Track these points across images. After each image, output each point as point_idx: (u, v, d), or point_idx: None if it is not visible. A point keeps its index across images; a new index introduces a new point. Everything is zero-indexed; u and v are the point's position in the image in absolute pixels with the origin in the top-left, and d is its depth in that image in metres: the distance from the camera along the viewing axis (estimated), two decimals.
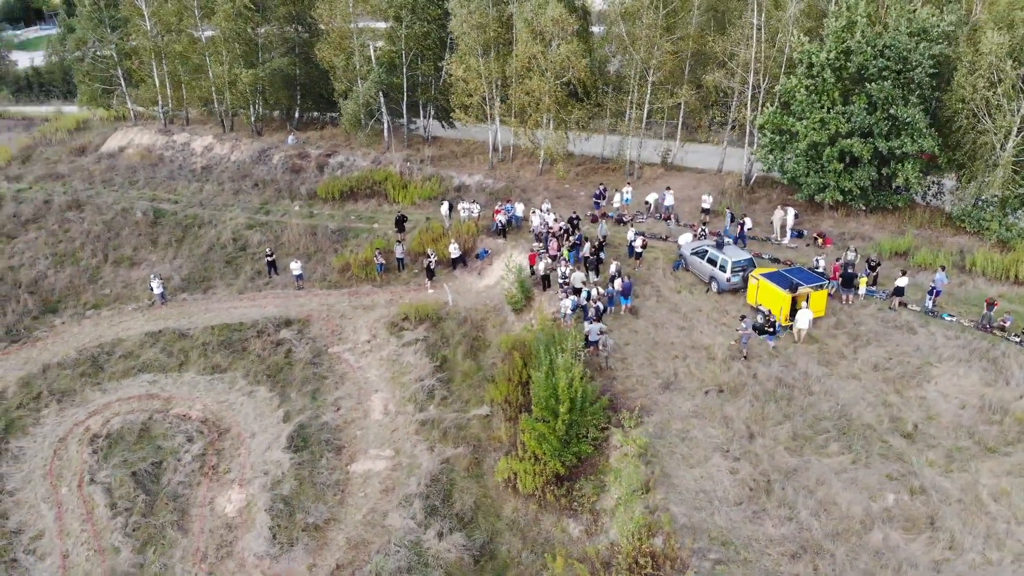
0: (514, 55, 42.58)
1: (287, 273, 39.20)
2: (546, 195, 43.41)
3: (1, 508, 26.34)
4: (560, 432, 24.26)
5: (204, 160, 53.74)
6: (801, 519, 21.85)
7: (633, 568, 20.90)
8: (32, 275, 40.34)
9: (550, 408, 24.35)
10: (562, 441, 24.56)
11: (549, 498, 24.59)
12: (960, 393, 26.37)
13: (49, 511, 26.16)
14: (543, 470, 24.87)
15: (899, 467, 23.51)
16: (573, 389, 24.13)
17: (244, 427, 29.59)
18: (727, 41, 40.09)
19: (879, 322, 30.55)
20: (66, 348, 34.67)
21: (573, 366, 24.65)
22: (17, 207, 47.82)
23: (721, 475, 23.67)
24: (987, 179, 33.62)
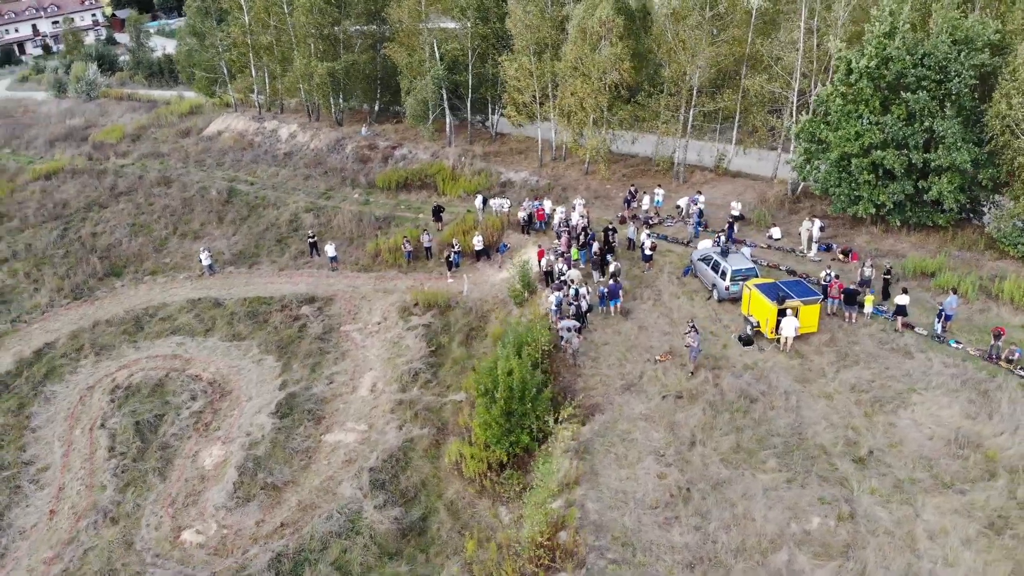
0: (561, 55, 43.04)
1: (326, 254, 41.56)
2: (585, 195, 43.74)
3: (22, 442, 29.84)
4: (496, 418, 24.88)
5: (287, 146, 57.47)
6: (709, 530, 21.53)
7: (532, 559, 21.36)
8: (108, 241, 44.86)
9: (489, 395, 25.03)
10: (504, 429, 25.17)
11: (486, 484, 25.32)
12: (934, 423, 24.88)
13: (59, 448, 29.39)
14: (486, 456, 25.62)
15: (837, 491, 22.58)
16: (511, 378, 24.68)
17: (244, 391, 31.93)
18: (772, 45, 38.94)
19: (876, 343, 29.14)
20: (118, 308, 38.45)
21: (514, 357, 25.20)
22: (115, 181, 53.07)
23: (648, 478, 23.59)
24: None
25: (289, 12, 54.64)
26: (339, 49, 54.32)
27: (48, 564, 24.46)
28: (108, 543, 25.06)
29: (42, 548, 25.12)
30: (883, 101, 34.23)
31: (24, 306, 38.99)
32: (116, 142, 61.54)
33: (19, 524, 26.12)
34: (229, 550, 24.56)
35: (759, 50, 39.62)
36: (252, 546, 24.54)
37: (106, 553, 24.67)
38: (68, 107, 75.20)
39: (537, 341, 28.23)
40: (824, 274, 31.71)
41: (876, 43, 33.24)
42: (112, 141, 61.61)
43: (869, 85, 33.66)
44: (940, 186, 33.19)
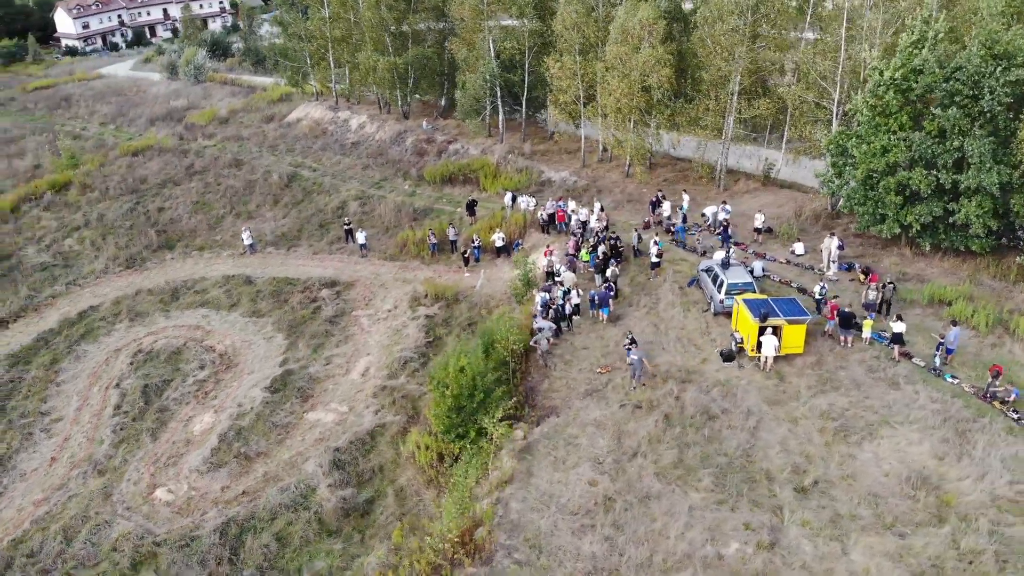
0: (600, 56, 42.82)
1: (357, 242, 43.13)
2: (619, 197, 43.46)
3: (45, 394, 32.76)
4: (447, 412, 25.41)
5: (355, 136, 59.70)
6: (619, 543, 21.31)
7: (441, 551, 21.82)
8: (171, 216, 48.18)
9: (442, 388, 25.57)
10: (452, 423, 25.67)
11: (433, 475, 25.93)
12: (897, 459, 23.55)
13: (75, 403, 32.11)
14: (438, 447, 26.23)
15: (766, 519, 21.81)
16: (463, 375, 25.13)
17: (248, 365, 33.79)
18: (810, 51, 37.37)
19: (865, 370, 27.72)
20: (162, 279, 41.35)
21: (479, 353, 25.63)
22: (193, 160, 56.74)
23: (579, 484, 23.50)
24: None
25: (363, 7, 56.60)
26: (406, 44, 55.82)
27: (36, 505, 26.90)
28: (90, 492, 27.30)
29: (35, 491, 27.65)
30: (914, 116, 32.33)
31: (82, 271, 42.58)
32: (206, 124, 65.66)
33: (22, 467, 28.83)
34: (190, 510, 26.26)
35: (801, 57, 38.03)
36: (211, 509, 26.15)
37: (85, 501, 26.90)
38: (175, 89, 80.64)
39: (506, 339, 28.49)
40: (819, 287, 30.47)
41: (906, 53, 31.44)
42: (202, 123, 65.79)
43: (897, 98, 31.85)
44: (968, 209, 31.07)
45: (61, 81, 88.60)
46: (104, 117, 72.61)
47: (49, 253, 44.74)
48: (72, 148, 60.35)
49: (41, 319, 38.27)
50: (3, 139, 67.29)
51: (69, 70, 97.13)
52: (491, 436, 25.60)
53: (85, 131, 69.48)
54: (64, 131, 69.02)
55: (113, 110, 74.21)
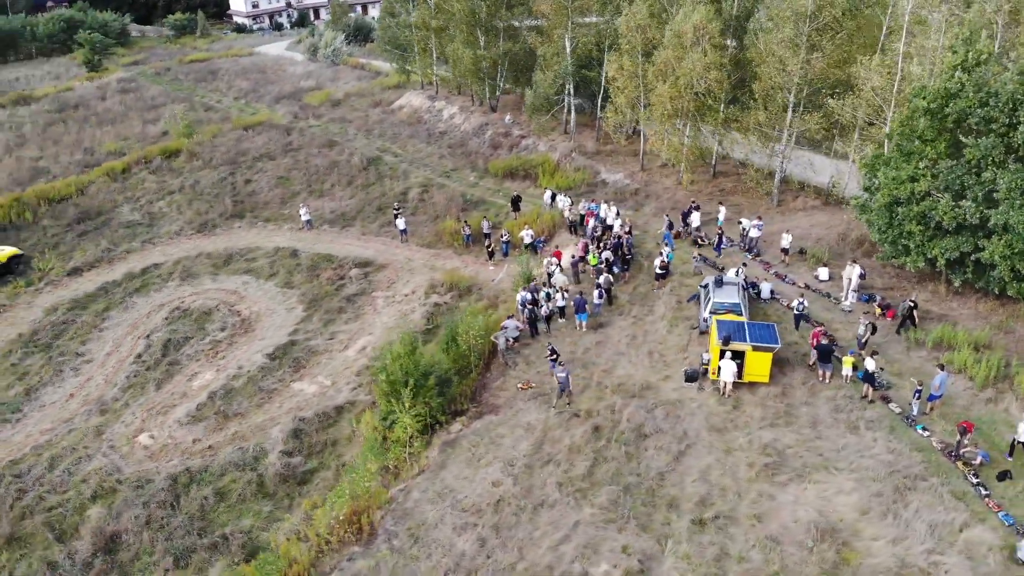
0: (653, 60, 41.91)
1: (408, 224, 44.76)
2: (666, 204, 42.53)
3: (87, 337, 36.63)
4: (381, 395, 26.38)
5: (445, 126, 61.52)
6: (490, 547, 21.50)
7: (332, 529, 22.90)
8: (252, 188, 51.87)
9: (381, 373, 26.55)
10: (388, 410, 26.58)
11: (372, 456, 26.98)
12: (817, 507, 22.16)
13: (107, 348, 35.73)
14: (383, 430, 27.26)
15: (648, 546, 21.28)
16: (397, 363, 25.94)
17: (262, 331, 36.19)
18: (864, 66, 34.86)
19: (831, 409, 26.08)
20: (223, 245, 44.81)
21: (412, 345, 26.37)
22: (295, 138, 60.57)
23: (482, 483, 23.84)
24: None
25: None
26: (498, 38, 56.74)
27: (41, 434, 30.41)
28: (88, 428, 30.49)
29: (47, 421, 31.22)
30: (951, 144, 29.60)
31: (160, 231, 46.87)
32: (318, 105, 69.72)
33: (44, 399, 32.53)
34: (160, 456, 28.78)
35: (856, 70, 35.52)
36: (177, 458, 28.56)
37: (81, 435, 30.07)
38: (310, 70, 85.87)
39: (467, 335, 29.01)
40: (796, 302, 29.03)
41: (946, 77, 28.83)
42: (315, 104, 69.89)
43: (932, 124, 29.28)
44: (996, 249, 28.16)
45: (215, 56, 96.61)
46: (239, 92, 78.64)
47: (140, 213, 49.52)
48: (191, 118, 65.98)
49: (111, 271, 42.60)
50: (147, 105, 74.58)
51: (228, 46, 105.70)
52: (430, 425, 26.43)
53: (220, 103, 75.61)
54: (201, 102, 75.48)
55: (249, 86, 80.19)
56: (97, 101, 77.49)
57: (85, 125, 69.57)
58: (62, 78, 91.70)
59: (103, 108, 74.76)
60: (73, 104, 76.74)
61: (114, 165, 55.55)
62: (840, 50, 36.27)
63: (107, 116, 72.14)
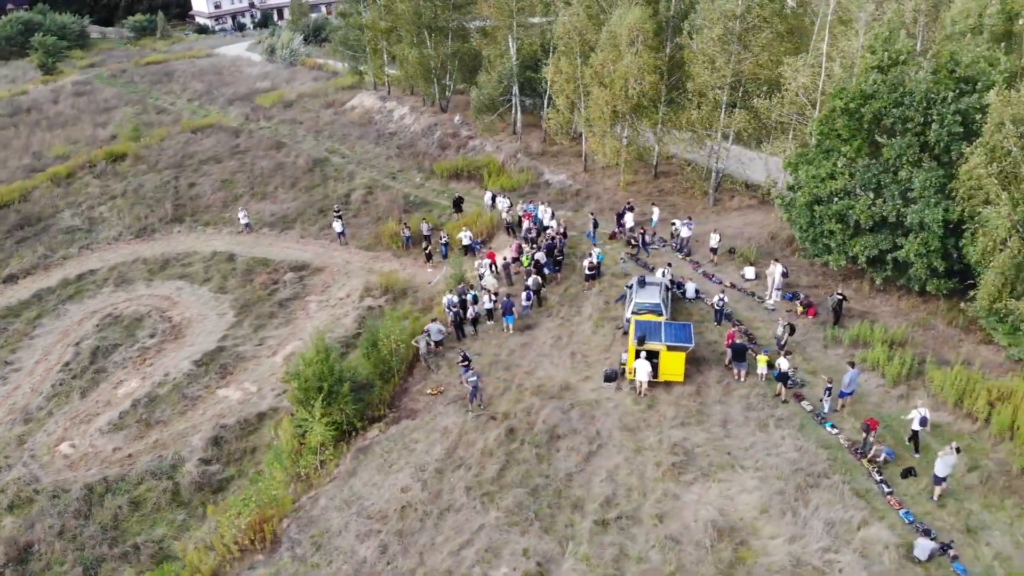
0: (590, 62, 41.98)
1: (348, 228, 44.53)
2: (603, 205, 42.61)
3: (18, 345, 36.17)
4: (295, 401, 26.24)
5: (395, 126, 61.30)
6: (391, 553, 21.45)
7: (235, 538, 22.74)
8: (194, 192, 51.42)
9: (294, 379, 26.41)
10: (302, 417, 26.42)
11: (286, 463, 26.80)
12: (718, 506, 22.27)
13: (37, 356, 35.30)
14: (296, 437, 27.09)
15: (549, 548, 21.29)
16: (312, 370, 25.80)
17: (192, 338, 35.89)
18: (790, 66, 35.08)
19: (743, 408, 26.25)
20: (160, 250, 44.40)
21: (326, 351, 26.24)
22: (243, 140, 60.11)
23: (392, 489, 23.76)
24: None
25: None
26: (446, 39, 56.57)
27: None
28: (10, 437, 30.11)
29: None
30: (871, 142, 29.86)
31: (99, 237, 46.36)
32: (270, 106, 69.21)
33: None
34: (80, 466, 28.47)
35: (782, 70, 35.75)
36: (96, 467, 28.25)
37: (3, 445, 29.71)
38: (267, 71, 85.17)
39: (389, 339, 28.93)
40: (716, 298, 29.29)
41: (862, 78, 29.11)
42: (267, 105, 69.38)
43: (849, 124, 29.54)
44: (911, 247, 28.46)
45: (173, 57, 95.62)
46: (193, 94, 77.90)
47: (81, 218, 48.95)
48: (140, 121, 65.36)
49: (47, 277, 42.11)
50: (100, 108, 73.70)
51: (188, 47, 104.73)
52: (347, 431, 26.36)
53: (173, 106, 74.87)
54: (154, 105, 74.73)
55: (204, 88, 79.42)
56: (50, 105, 76.52)
57: (36, 129, 68.73)
58: (18, 81, 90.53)
59: (55, 112, 73.85)
60: (26, 108, 75.72)
61: (58, 170, 54.94)
62: (768, 50, 36.47)
63: (59, 120, 71.29)
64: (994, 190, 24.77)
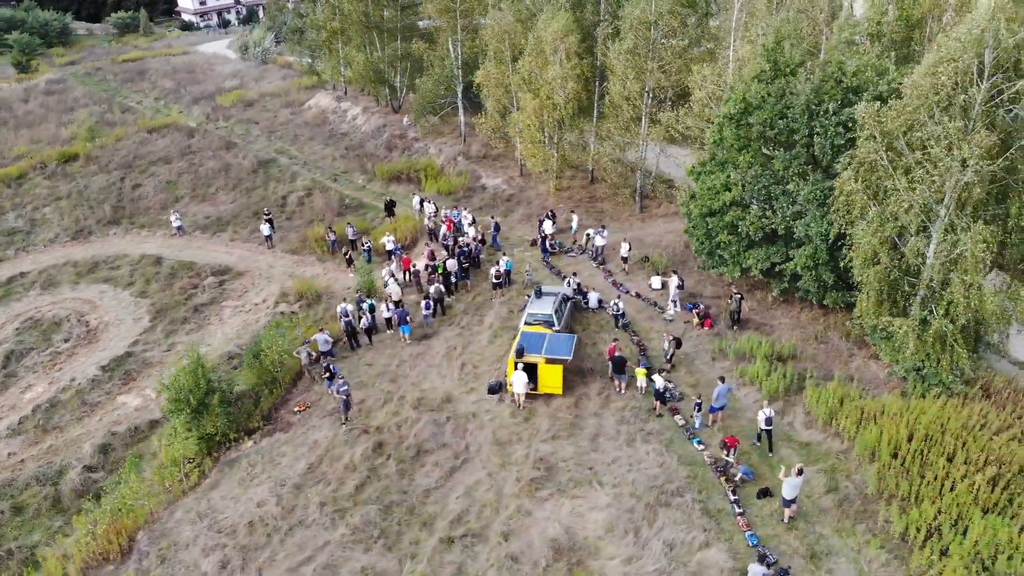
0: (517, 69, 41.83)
1: (279, 231, 44.56)
2: (534, 210, 42.56)
3: None
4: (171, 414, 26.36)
5: (348, 127, 61.31)
6: (231, 568, 21.49)
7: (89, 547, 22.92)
8: (136, 193, 51.57)
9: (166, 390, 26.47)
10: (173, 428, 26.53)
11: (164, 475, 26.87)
12: (566, 523, 22.21)
13: None
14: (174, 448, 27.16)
15: (389, 566, 21.29)
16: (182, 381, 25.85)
17: (105, 343, 36.03)
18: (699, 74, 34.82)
19: (617, 421, 26.19)
20: (92, 252, 44.56)
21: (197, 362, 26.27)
22: (196, 140, 60.22)
23: (248, 504, 23.80)
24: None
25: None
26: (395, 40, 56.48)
27: None
28: None
29: None
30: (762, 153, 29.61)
31: (36, 239, 46.58)
32: (230, 106, 69.33)
33: None
34: None
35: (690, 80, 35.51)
36: None
37: None
38: (238, 69, 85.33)
39: (270, 349, 28.98)
40: (612, 304, 29.76)
41: (743, 88, 28.88)
42: (227, 105, 69.51)
43: (739, 134, 29.33)
44: (799, 260, 28.27)
45: (149, 55, 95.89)
46: (162, 92, 78.15)
47: (24, 219, 49.18)
48: (100, 120, 65.63)
49: None
50: (67, 107, 74.01)
51: (168, 44, 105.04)
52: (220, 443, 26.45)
53: (140, 104, 75.14)
54: (120, 104, 74.96)
55: (172, 86, 79.65)
56: (20, 103, 76.88)
57: (2, 129, 69.07)
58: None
59: (24, 111, 74.20)
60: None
61: (9, 171, 55.18)
62: (680, 59, 36.20)
63: (26, 119, 71.57)
64: (862, 204, 24.52)
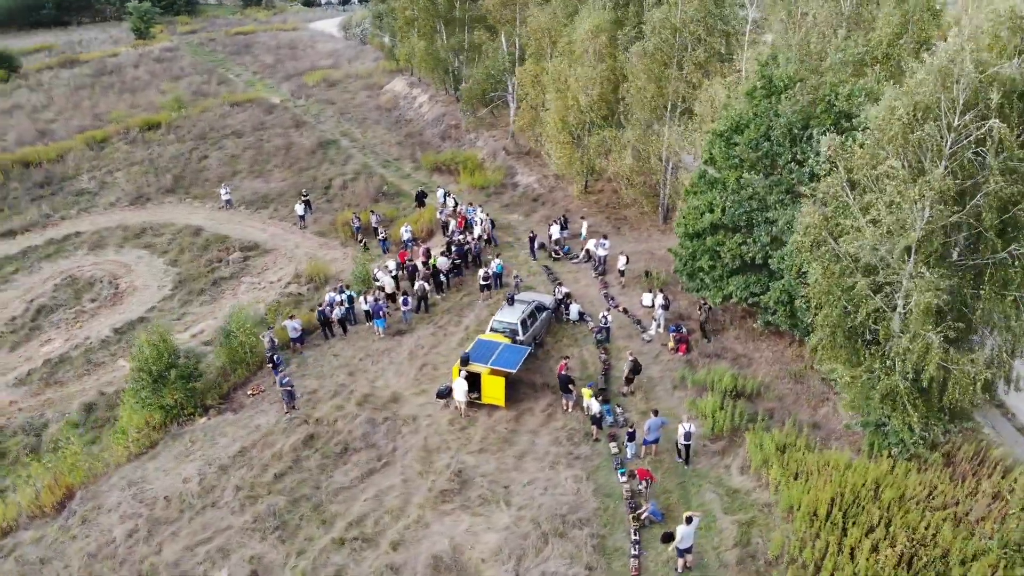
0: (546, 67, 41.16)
1: (316, 213, 46.00)
2: (556, 212, 42.00)
3: None
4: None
5: (413, 113, 62.28)
6: (137, 538, 22.55)
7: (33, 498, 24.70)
8: (200, 165, 54.30)
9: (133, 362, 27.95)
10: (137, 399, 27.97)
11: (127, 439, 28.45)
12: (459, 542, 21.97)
13: None
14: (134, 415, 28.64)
15: (276, 557, 21.77)
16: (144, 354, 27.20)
17: (128, 306, 38.33)
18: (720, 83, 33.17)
19: (551, 441, 25.82)
20: (144, 218, 47.35)
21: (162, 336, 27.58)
22: (272, 117, 62.71)
23: (175, 478, 24.86)
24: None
25: None
26: (461, 30, 56.74)
27: None
28: None
29: None
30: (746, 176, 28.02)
31: (100, 201, 49.93)
32: (313, 85, 71.73)
33: None
34: None
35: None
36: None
37: None
38: (336, 48, 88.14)
39: (241, 331, 30.03)
40: (600, 317, 28.88)
41: (736, 104, 27.35)
42: (311, 84, 71.91)
43: (726, 152, 27.84)
44: (774, 292, 26.68)
45: (260, 29, 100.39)
46: (260, 67, 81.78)
47: (96, 182, 52.79)
48: (180, 91, 69.32)
49: (41, 235, 45.87)
50: (172, 76, 78.62)
51: (282, 19, 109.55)
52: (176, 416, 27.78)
53: (238, 77, 78.92)
54: (221, 76, 78.93)
55: (272, 62, 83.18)
56: (131, 69, 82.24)
57: (109, 92, 74.08)
58: (120, 43, 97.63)
59: (132, 76, 79.34)
60: (109, 70, 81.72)
61: (95, 134, 59.28)
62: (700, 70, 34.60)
63: (132, 84, 76.55)
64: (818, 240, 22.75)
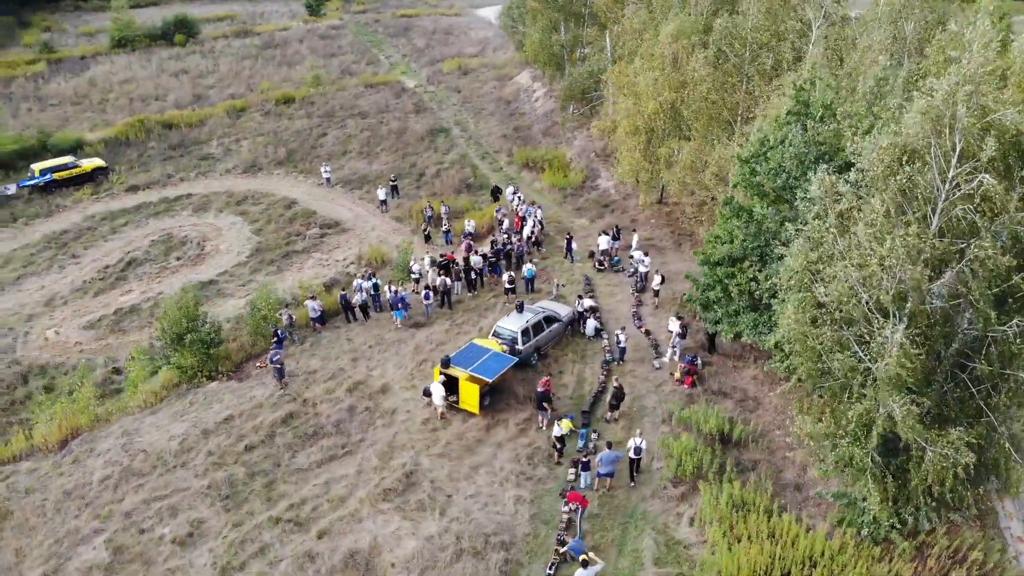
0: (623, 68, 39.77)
1: (403, 198, 47.38)
2: (618, 220, 40.85)
3: (92, 244, 44.05)
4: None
5: (527, 107, 62.27)
6: (111, 483, 24.58)
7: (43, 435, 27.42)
8: (318, 141, 57.09)
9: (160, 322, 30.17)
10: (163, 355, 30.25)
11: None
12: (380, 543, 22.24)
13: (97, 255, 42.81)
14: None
15: (215, 524, 22.96)
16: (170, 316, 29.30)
17: (206, 268, 41.18)
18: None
19: (511, 457, 25.48)
20: (250, 186, 50.55)
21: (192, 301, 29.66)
22: (400, 101, 64.83)
23: (164, 434, 26.74)
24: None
25: None
26: (580, 24, 56.03)
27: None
28: (24, 314, 37.63)
29: (9, 302, 38.87)
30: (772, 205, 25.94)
31: (218, 167, 53.85)
32: (447, 72, 73.29)
33: (25, 286, 40.10)
34: (46, 350, 35.09)
35: None
36: (53, 354, 34.62)
37: (19, 319, 37.23)
38: (486, 36, 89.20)
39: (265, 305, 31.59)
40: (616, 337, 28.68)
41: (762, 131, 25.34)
42: (446, 71, 73.54)
43: (749, 179, 25.88)
44: (774, 335, 24.61)
45: (424, 13, 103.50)
46: (410, 51, 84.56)
47: (222, 149, 56.95)
48: (326, 70, 72.88)
49: (159, 194, 50.25)
50: (327, 53, 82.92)
51: (449, 3, 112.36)
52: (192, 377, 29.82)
53: (388, 59, 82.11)
54: (371, 56, 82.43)
55: (423, 45, 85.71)
56: (295, 43, 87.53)
57: (269, 64, 79.41)
58: (297, 17, 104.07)
59: (293, 51, 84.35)
60: (276, 43, 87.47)
61: (236, 103, 63.93)
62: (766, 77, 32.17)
63: (292, 58, 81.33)
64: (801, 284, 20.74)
